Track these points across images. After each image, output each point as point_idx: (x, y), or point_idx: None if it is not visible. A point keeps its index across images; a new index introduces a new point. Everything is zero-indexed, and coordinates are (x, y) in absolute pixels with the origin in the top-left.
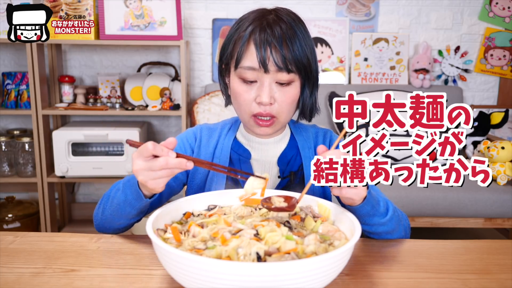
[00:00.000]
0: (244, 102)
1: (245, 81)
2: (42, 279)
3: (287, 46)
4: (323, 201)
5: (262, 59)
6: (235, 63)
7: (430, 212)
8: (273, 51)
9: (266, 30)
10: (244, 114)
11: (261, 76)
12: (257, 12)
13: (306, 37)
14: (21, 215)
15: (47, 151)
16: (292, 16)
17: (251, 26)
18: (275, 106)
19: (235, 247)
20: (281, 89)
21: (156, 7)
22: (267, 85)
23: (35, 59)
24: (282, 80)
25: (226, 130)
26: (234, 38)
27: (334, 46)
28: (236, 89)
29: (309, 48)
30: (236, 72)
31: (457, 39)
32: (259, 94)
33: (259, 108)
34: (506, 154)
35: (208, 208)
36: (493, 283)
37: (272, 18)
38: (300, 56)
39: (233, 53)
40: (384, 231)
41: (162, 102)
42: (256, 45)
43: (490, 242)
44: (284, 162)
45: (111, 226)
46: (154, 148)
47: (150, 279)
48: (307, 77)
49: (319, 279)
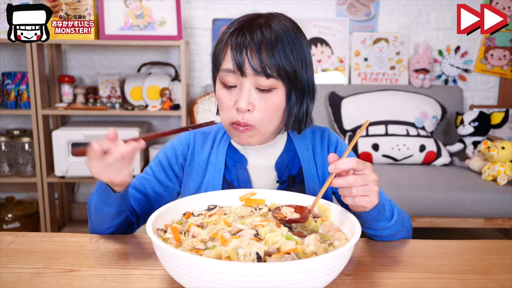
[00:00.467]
0: (223, 107)
1: (226, 85)
2: (42, 279)
3: (266, 51)
4: (323, 201)
5: (237, 61)
6: (216, 66)
7: (430, 212)
8: (249, 53)
9: (245, 33)
10: (224, 120)
11: (240, 81)
12: (248, 16)
13: (295, 45)
14: (21, 215)
15: (47, 151)
16: (284, 23)
17: (232, 29)
18: (254, 114)
19: (235, 247)
20: (261, 95)
21: (156, 7)
22: (246, 90)
23: (35, 59)
24: (262, 86)
25: (221, 135)
26: (217, 42)
27: (334, 46)
28: (218, 94)
29: (296, 55)
30: (218, 76)
31: (457, 39)
32: (237, 99)
33: (238, 115)
34: (506, 154)
35: (208, 208)
36: (493, 283)
37: (258, 22)
38: (282, 62)
39: (217, 56)
40: (388, 234)
41: (162, 102)
42: (231, 47)
43: (490, 242)
44: (282, 167)
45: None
46: (101, 145)
47: (150, 279)
48: (293, 85)
49: (319, 279)
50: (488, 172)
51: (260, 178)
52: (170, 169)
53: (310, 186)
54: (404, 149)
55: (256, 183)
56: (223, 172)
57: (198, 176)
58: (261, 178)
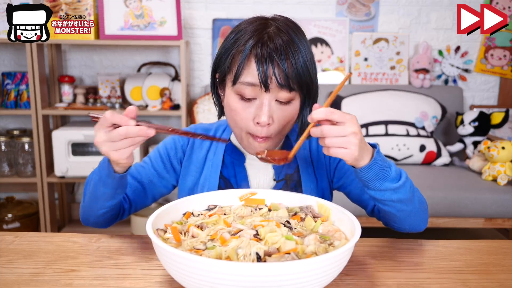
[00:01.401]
0: (241, 121)
1: (243, 98)
2: (42, 279)
3: (289, 62)
4: (323, 201)
5: (264, 76)
6: (234, 78)
7: (430, 212)
8: (275, 68)
9: (268, 45)
10: (239, 130)
11: (261, 94)
12: (256, 23)
13: (306, 49)
14: (21, 215)
15: (47, 151)
16: (291, 26)
17: (252, 40)
18: (273, 126)
19: (234, 247)
20: (280, 107)
21: (156, 7)
22: (266, 104)
23: (35, 59)
24: (283, 99)
25: (220, 132)
26: (233, 51)
27: (334, 46)
28: (233, 106)
29: (309, 61)
30: (234, 87)
31: (457, 39)
32: (258, 114)
33: (256, 129)
34: (507, 154)
35: (208, 208)
36: (493, 283)
37: (273, 30)
38: (303, 72)
39: (231, 67)
40: (398, 199)
41: (162, 102)
42: (257, 60)
43: (490, 242)
44: (279, 165)
45: (92, 213)
46: (112, 117)
47: (150, 279)
48: (308, 93)
49: (319, 279)
50: (488, 172)
51: (258, 176)
52: (168, 161)
53: (307, 185)
54: (404, 149)
55: (253, 180)
56: (220, 168)
57: (196, 171)
58: (258, 176)
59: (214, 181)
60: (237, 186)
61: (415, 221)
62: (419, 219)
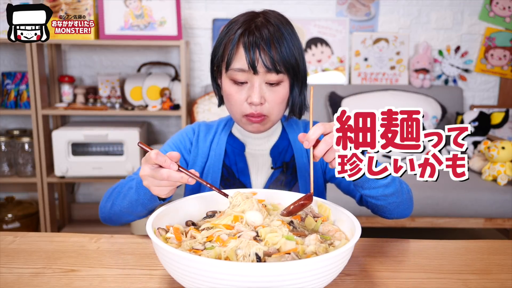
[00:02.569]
0: (235, 103)
1: (236, 82)
2: (42, 279)
3: (275, 48)
4: (323, 201)
5: (251, 61)
6: (226, 65)
7: (430, 212)
8: (261, 53)
9: (255, 33)
10: (236, 113)
11: (251, 78)
12: (246, 15)
13: (293, 38)
14: (21, 215)
15: (47, 151)
16: (279, 18)
17: (240, 29)
18: (265, 105)
19: (234, 248)
20: (271, 89)
21: (156, 7)
22: (257, 86)
23: (35, 59)
24: (272, 81)
25: (222, 125)
26: (224, 41)
27: (334, 46)
28: (228, 90)
29: (296, 49)
30: (227, 74)
31: (457, 39)
32: (250, 94)
33: (250, 108)
34: (507, 154)
35: (207, 215)
36: (493, 283)
37: (260, 21)
38: (288, 57)
39: (224, 55)
40: (390, 193)
41: (162, 102)
42: (245, 47)
43: (491, 242)
44: (276, 153)
45: (119, 220)
46: (156, 158)
47: (150, 279)
48: (296, 76)
49: (319, 279)
50: (488, 172)
51: (257, 163)
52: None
53: (302, 172)
54: None
55: (253, 168)
56: (223, 157)
57: (202, 161)
58: (257, 164)
59: (217, 169)
60: (238, 173)
61: (403, 210)
62: (406, 207)
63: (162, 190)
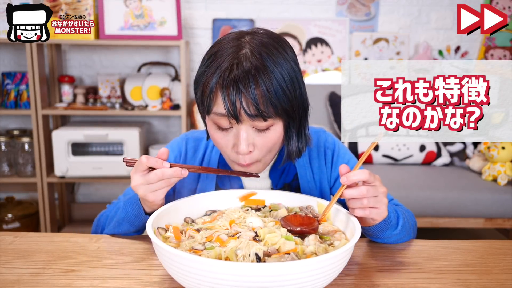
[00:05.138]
0: (222, 149)
1: (220, 127)
2: (42, 279)
3: (261, 94)
4: (323, 201)
5: (232, 108)
6: (206, 109)
7: (430, 212)
8: (242, 98)
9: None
10: (224, 156)
11: (236, 124)
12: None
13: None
14: (21, 215)
15: (47, 151)
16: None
17: (219, 69)
18: (255, 153)
19: (233, 248)
20: (260, 134)
21: (156, 7)
22: (243, 133)
23: (35, 59)
24: (260, 127)
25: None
26: (202, 81)
27: (334, 46)
28: (213, 135)
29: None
30: (209, 117)
31: (457, 39)
32: (236, 143)
33: (237, 157)
34: (507, 154)
35: (206, 213)
36: (493, 283)
37: (245, 54)
38: (277, 96)
39: (203, 98)
40: (395, 240)
41: (162, 102)
42: (222, 93)
43: (490, 242)
44: (276, 174)
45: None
46: (148, 161)
47: (150, 279)
48: (290, 117)
49: (319, 279)
50: (488, 172)
51: (254, 185)
52: None
53: (306, 192)
54: (404, 149)
55: None
56: (215, 180)
57: (191, 183)
58: (255, 185)
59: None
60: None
61: (404, 241)
62: (408, 238)
63: (159, 194)
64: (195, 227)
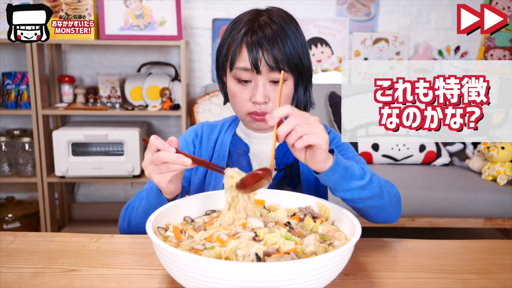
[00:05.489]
0: (239, 102)
1: (240, 81)
2: (42, 279)
3: (278, 47)
4: (323, 201)
5: (254, 60)
6: (230, 64)
7: (430, 212)
8: (264, 52)
9: (258, 33)
10: (240, 112)
11: (255, 77)
12: (250, 13)
13: (297, 36)
14: (21, 215)
15: (47, 151)
16: (283, 16)
17: (244, 28)
18: (269, 104)
19: (233, 248)
20: (275, 87)
21: (156, 7)
22: (261, 85)
23: (35, 59)
24: (275, 79)
25: (226, 126)
26: (228, 40)
27: (334, 46)
28: (232, 89)
29: (300, 46)
30: (231, 73)
31: (457, 39)
32: (254, 94)
33: (254, 107)
34: (506, 154)
35: (206, 213)
36: (493, 283)
37: (263, 20)
38: (292, 55)
39: (228, 55)
40: (367, 196)
41: (162, 102)
42: (247, 47)
43: (490, 242)
44: (280, 155)
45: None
46: (155, 141)
47: (150, 279)
48: (300, 74)
49: (319, 279)
50: (488, 172)
51: (260, 165)
52: None
53: (305, 175)
54: (404, 149)
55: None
56: (227, 159)
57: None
58: (261, 165)
59: None
60: None
61: (387, 214)
62: (391, 211)
63: (163, 178)
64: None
